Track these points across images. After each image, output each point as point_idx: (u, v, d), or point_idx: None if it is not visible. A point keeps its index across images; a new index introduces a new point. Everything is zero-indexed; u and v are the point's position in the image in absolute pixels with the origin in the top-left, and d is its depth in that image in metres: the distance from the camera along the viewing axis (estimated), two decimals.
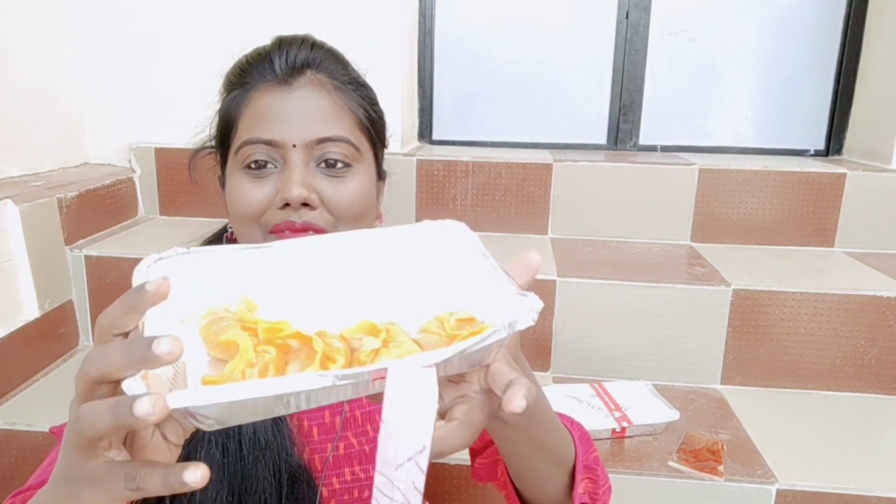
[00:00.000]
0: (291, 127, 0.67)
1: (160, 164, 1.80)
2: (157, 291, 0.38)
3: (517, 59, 2.05)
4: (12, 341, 1.31)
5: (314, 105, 0.68)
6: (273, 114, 0.67)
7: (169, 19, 1.77)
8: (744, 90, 2.02)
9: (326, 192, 0.68)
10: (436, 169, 1.74)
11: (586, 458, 0.68)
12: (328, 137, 0.67)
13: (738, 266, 1.52)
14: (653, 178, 1.71)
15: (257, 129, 0.67)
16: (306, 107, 0.68)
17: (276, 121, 0.67)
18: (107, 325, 0.40)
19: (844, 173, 1.67)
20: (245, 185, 0.68)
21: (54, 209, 1.45)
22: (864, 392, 1.40)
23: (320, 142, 0.67)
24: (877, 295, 1.37)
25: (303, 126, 0.67)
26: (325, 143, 0.67)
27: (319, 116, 0.68)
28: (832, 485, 1.09)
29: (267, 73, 0.69)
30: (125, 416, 0.35)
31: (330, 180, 0.68)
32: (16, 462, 1.22)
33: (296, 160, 0.66)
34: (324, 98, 0.68)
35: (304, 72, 0.69)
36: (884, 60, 1.84)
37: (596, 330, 1.42)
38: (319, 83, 0.69)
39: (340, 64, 0.73)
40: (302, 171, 0.66)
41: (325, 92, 0.69)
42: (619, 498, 1.11)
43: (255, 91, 0.69)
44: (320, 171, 0.68)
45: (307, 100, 0.68)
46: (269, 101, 0.68)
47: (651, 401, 1.27)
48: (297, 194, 0.65)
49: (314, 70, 0.70)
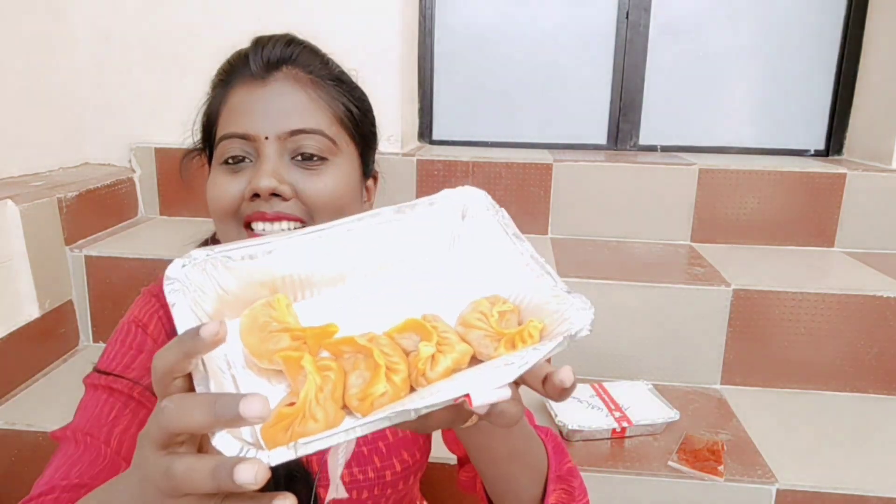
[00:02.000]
0: (265, 120, 0.67)
1: (160, 164, 1.80)
2: (213, 340, 0.37)
3: (517, 59, 2.05)
4: (12, 341, 1.31)
5: (288, 98, 0.68)
6: (248, 108, 0.68)
7: (169, 19, 1.77)
8: (744, 90, 2.02)
9: (300, 185, 0.67)
10: (436, 169, 1.74)
11: (559, 468, 0.67)
12: (301, 129, 0.67)
13: (738, 266, 1.52)
14: (653, 178, 1.71)
15: (233, 124, 0.68)
16: (280, 100, 0.68)
17: (250, 115, 0.67)
18: (165, 371, 0.39)
19: (844, 173, 1.67)
20: (221, 180, 0.68)
21: (54, 209, 1.45)
22: (864, 392, 1.40)
23: (293, 133, 0.67)
24: (877, 295, 1.37)
25: (276, 119, 0.67)
26: (298, 136, 0.67)
27: (293, 110, 0.68)
28: (832, 485, 1.09)
29: (244, 70, 0.69)
30: (226, 481, 0.34)
31: (304, 173, 0.68)
32: (16, 462, 1.22)
33: (268, 152, 0.66)
34: (299, 92, 0.69)
35: (279, 67, 0.69)
36: (884, 60, 1.84)
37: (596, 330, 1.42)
38: (295, 78, 0.69)
39: (319, 59, 0.73)
40: (274, 162, 0.66)
41: (299, 86, 0.69)
42: (620, 498, 1.11)
43: (233, 88, 0.70)
44: (295, 164, 0.68)
45: (281, 93, 0.68)
46: (245, 95, 0.68)
47: (651, 401, 1.27)
48: (266, 184, 0.64)
49: (290, 65, 0.70)
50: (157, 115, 1.81)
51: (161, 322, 0.73)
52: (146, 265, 1.48)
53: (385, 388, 0.41)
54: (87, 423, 0.69)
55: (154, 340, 0.72)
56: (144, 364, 0.71)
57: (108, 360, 0.72)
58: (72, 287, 1.50)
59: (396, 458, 0.77)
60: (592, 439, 1.19)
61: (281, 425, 0.38)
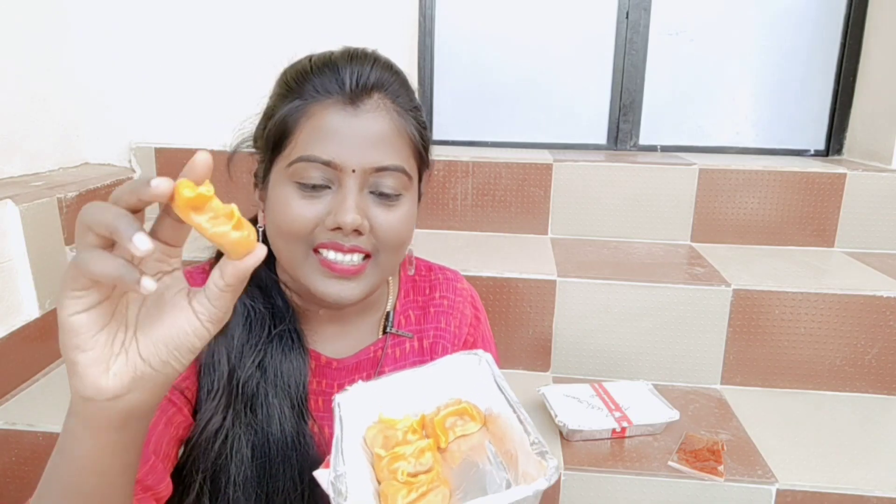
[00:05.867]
0: (353, 152, 0.65)
1: (160, 164, 1.80)
2: (159, 191, 0.40)
3: (517, 59, 2.05)
4: (12, 341, 1.31)
5: (377, 131, 0.66)
6: (335, 134, 0.65)
7: (169, 19, 1.77)
8: (744, 90, 2.02)
9: (377, 220, 0.67)
10: (436, 169, 1.74)
11: None
12: (386, 167, 0.67)
13: (738, 266, 1.52)
14: (653, 178, 1.71)
15: (317, 148, 0.65)
16: (370, 132, 0.66)
17: (337, 142, 0.65)
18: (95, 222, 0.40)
19: (844, 173, 1.67)
20: (295, 202, 0.66)
21: (54, 209, 1.45)
22: (864, 392, 1.40)
23: (378, 170, 0.66)
24: (877, 295, 1.37)
25: (364, 153, 0.65)
26: (382, 172, 0.67)
27: (380, 143, 0.66)
28: (832, 485, 1.09)
29: (334, 88, 0.67)
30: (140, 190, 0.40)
31: (382, 208, 0.68)
32: (16, 462, 1.22)
33: (352, 185, 0.66)
34: (387, 124, 0.67)
35: (371, 94, 0.67)
36: (884, 60, 1.84)
37: (596, 330, 1.42)
38: (385, 108, 0.68)
39: (405, 89, 0.71)
40: (357, 196, 0.66)
41: (388, 118, 0.67)
42: (620, 498, 1.11)
43: (319, 105, 0.66)
44: (373, 198, 0.68)
45: (371, 125, 0.66)
46: (333, 119, 0.66)
47: (651, 401, 1.27)
48: (352, 220, 0.64)
49: (382, 93, 0.68)
50: (157, 115, 1.82)
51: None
52: None
53: None
54: None
55: None
56: None
57: None
58: None
59: None
60: (592, 439, 1.19)
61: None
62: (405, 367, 0.81)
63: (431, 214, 1.77)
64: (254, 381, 0.70)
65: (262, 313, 0.73)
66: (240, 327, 0.72)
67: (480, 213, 1.76)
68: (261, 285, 0.75)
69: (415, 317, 0.83)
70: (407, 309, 0.83)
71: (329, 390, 0.77)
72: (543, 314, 1.42)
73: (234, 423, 0.69)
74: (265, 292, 0.75)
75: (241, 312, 0.72)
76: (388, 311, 0.82)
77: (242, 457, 0.68)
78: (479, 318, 0.90)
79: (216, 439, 0.69)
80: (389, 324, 0.80)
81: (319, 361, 0.78)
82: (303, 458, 0.70)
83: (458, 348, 0.84)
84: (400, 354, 0.81)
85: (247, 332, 0.72)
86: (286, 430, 0.70)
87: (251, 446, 0.69)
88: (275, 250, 0.72)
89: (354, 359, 0.79)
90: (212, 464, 0.69)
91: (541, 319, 1.43)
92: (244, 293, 0.71)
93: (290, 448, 0.69)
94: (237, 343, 0.71)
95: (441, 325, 0.84)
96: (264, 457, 0.69)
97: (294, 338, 0.73)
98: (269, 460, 0.69)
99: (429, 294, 0.85)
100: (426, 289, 0.86)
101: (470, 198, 1.75)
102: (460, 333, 0.85)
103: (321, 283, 0.68)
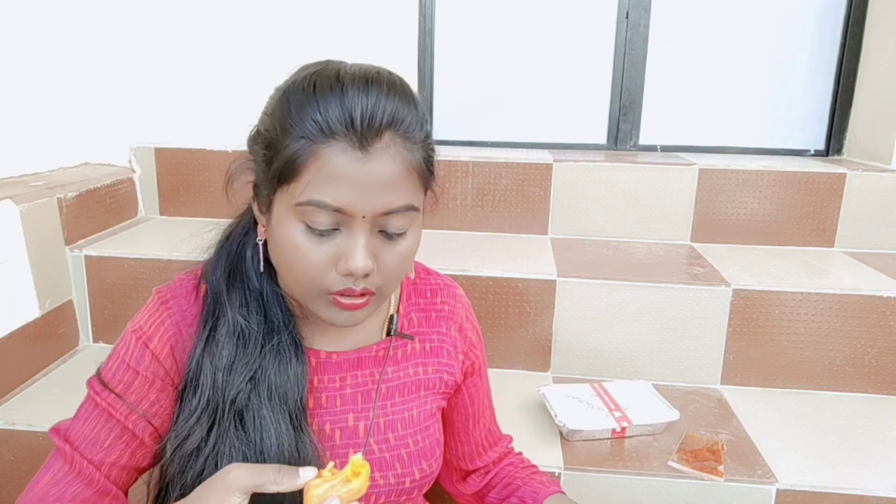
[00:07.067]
0: (363, 198, 0.63)
1: (160, 164, 1.80)
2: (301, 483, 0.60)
3: (517, 58, 2.05)
4: (12, 341, 1.31)
5: (388, 175, 0.64)
6: (345, 181, 0.62)
7: (169, 20, 1.77)
8: (744, 90, 2.02)
9: (383, 258, 0.67)
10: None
11: None
12: (395, 209, 0.65)
13: (738, 266, 1.52)
14: (653, 178, 1.71)
15: (326, 193, 0.63)
16: (380, 177, 0.63)
17: (347, 189, 0.63)
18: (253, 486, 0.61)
19: (844, 173, 1.67)
20: (304, 245, 0.65)
21: (54, 209, 1.45)
22: (864, 392, 1.40)
23: (387, 213, 0.65)
24: (877, 295, 1.37)
25: (374, 198, 0.64)
26: (391, 214, 0.66)
27: (391, 186, 0.64)
28: (832, 485, 1.09)
29: (341, 130, 0.62)
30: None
31: (388, 244, 0.68)
32: (16, 462, 1.22)
33: (361, 230, 0.65)
34: (398, 165, 0.64)
35: (383, 134, 0.63)
36: (884, 60, 1.84)
37: (596, 330, 1.42)
38: (395, 148, 0.64)
39: (417, 120, 0.67)
40: (367, 241, 0.65)
41: (399, 159, 0.64)
42: (620, 498, 1.11)
43: (328, 148, 0.62)
44: (381, 236, 0.67)
45: (382, 169, 0.63)
46: (344, 165, 0.62)
47: (651, 401, 1.27)
48: (363, 266, 0.64)
49: (393, 131, 0.64)
50: (156, 115, 1.82)
51: (166, 333, 0.73)
52: (146, 265, 1.48)
53: None
54: (84, 443, 0.71)
55: (155, 356, 0.72)
56: (142, 389, 0.72)
57: (110, 371, 0.73)
58: (72, 287, 1.50)
59: (416, 467, 0.78)
60: (592, 439, 1.19)
61: None
62: (408, 368, 0.81)
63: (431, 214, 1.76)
64: (244, 396, 0.70)
65: (255, 331, 0.72)
66: (231, 345, 0.71)
67: (480, 213, 1.76)
68: (259, 298, 0.74)
69: (417, 319, 0.84)
70: (410, 312, 0.84)
71: (331, 385, 0.77)
72: (543, 314, 1.42)
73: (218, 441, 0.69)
74: (263, 305, 0.74)
75: (232, 330, 0.71)
76: (391, 314, 0.82)
77: None
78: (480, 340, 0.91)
79: (196, 457, 0.69)
80: (394, 326, 0.81)
81: (319, 358, 0.78)
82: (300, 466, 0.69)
83: (459, 355, 0.85)
84: (402, 356, 0.82)
85: (239, 349, 0.71)
86: (283, 443, 0.69)
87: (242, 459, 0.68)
88: (279, 272, 0.72)
89: (356, 354, 0.79)
90: (192, 481, 0.68)
91: (541, 319, 1.43)
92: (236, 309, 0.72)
93: (286, 461, 0.69)
94: (226, 361, 0.70)
95: (443, 330, 0.84)
96: None
97: (291, 347, 0.73)
98: None
99: (430, 298, 0.86)
100: (427, 292, 0.86)
101: (470, 198, 1.75)
102: (461, 340, 0.86)
103: (328, 314, 0.70)
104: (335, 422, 0.77)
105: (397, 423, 0.79)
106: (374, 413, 0.78)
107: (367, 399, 0.78)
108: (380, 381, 0.79)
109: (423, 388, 0.82)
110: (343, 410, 0.77)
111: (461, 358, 0.85)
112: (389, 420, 0.79)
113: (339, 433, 0.76)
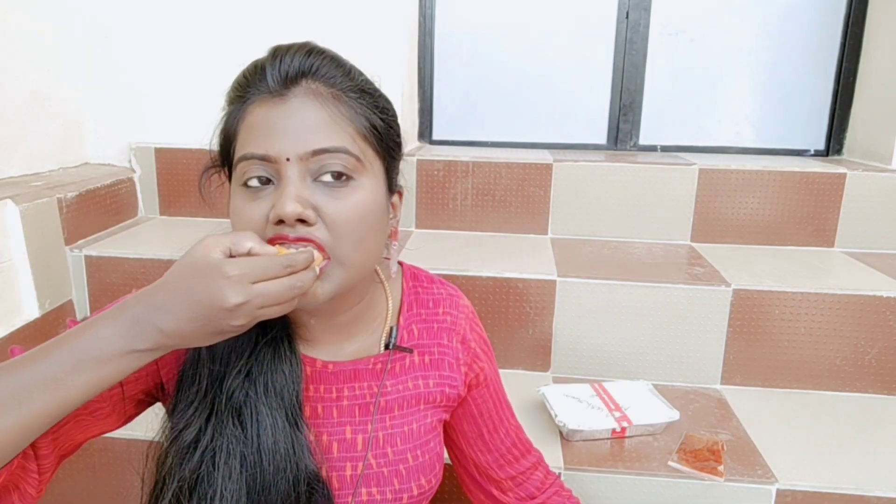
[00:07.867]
0: (285, 140, 0.63)
1: (160, 164, 1.80)
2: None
3: (517, 59, 2.05)
4: (12, 341, 1.31)
5: (309, 115, 0.64)
6: (266, 128, 0.64)
7: (169, 20, 1.77)
8: (744, 90, 2.02)
9: (325, 208, 0.64)
10: (436, 169, 1.74)
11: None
12: (324, 149, 0.64)
13: (738, 266, 1.52)
14: (653, 178, 1.71)
15: (251, 144, 0.65)
16: (300, 118, 0.64)
17: (269, 134, 0.64)
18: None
19: (844, 173, 1.67)
20: (241, 204, 0.65)
21: (54, 209, 1.45)
22: (864, 392, 1.40)
23: (315, 153, 0.63)
24: (877, 295, 1.37)
25: (297, 138, 0.63)
26: (321, 155, 0.64)
27: (315, 127, 0.64)
28: (832, 485, 1.09)
29: (262, 86, 0.65)
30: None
31: (329, 195, 0.64)
32: None
33: (291, 174, 0.63)
34: (319, 108, 0.65)
35: (298, 81, 0.65)
36: (884, 60, 1.84)
37: (596, 330, 1.42)
38: (315, 92, 0.65)
39: (341, 70, 0.68)
40: (297, 185, 0.63)
41: (320, 101, 0.65)
42: (620, 498, 1.11)
43: (251, 105, 0.66)
44: (319, 185, 0.64)
45: (301, 110, 0.64)
46: (263, 114, 0.65)
47: (651, 401, 1.27)
48: (291, 210, 0.62)
49: (310, 79, 0.66)
50: (156, 115, 1.82)
51: None
52: (146, 265, 1.48)
53: None
54: None
55: None
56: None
57: None
58: (72, 287, 1.50)
59: (415, 483, 0.77)
60: (592, 439, 1.19)
61: None
62: (408, 381, 0.79)
63: (431, 214, 1.77)
64: (241, 392, 0.69)
65: None
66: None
67: (480, 213, 1.76)
68: None
69: (418, 331, 0.81)
70: (410, 323, 0.81)
71: (327, 395, 0.76)
72: (543, 314, 1.42)
73: (216, 435, 0.68)
74: None
75: None
76: (391, 327, 0.79)
77: (230, 469, 0.66)
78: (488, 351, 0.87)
79: (194, 450, 0.68)
80: (393, 339, 0.78)
81: (315, 367, 0.76)
82: (297, 469, 0.68)
83: (461, 367, 0.82)
84: (401, 369, 0.79)
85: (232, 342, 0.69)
86: (279, 441, 0.68)
87: (240, 458, 0.67)
88: None
89: (352, 365, 0.77)
90: (190, 474, 0.67)
91: (541, 319, 1.43)
92: None
93: (283, 459, 0.68)
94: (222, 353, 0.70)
95: (444, 342, 0.82)
96: (255, 468, 0.67)
97: (284, 345, 0.72)
98: (261, 472, 0.67)
99: (432, 308, 0.83)
100: (429, 302, 0.83)
101: (470, 198, 1.75)
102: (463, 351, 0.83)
103: None
104: (332, 433, 0.75)
105: (396, 437, 0.77)
106: (373, 427, 0.76)
107: (365, 412, 0.76)
108: (378, 395, 0.77)
109: (423, 402, 0.79)
110: (340, 422, 0.76)
111: (464, 370, 0.82)
112: (388, 434, 0.76)
113: (337, 445, 0.75)
